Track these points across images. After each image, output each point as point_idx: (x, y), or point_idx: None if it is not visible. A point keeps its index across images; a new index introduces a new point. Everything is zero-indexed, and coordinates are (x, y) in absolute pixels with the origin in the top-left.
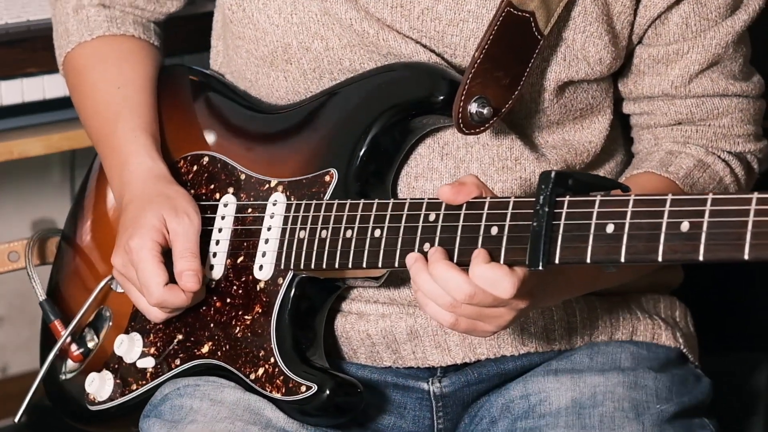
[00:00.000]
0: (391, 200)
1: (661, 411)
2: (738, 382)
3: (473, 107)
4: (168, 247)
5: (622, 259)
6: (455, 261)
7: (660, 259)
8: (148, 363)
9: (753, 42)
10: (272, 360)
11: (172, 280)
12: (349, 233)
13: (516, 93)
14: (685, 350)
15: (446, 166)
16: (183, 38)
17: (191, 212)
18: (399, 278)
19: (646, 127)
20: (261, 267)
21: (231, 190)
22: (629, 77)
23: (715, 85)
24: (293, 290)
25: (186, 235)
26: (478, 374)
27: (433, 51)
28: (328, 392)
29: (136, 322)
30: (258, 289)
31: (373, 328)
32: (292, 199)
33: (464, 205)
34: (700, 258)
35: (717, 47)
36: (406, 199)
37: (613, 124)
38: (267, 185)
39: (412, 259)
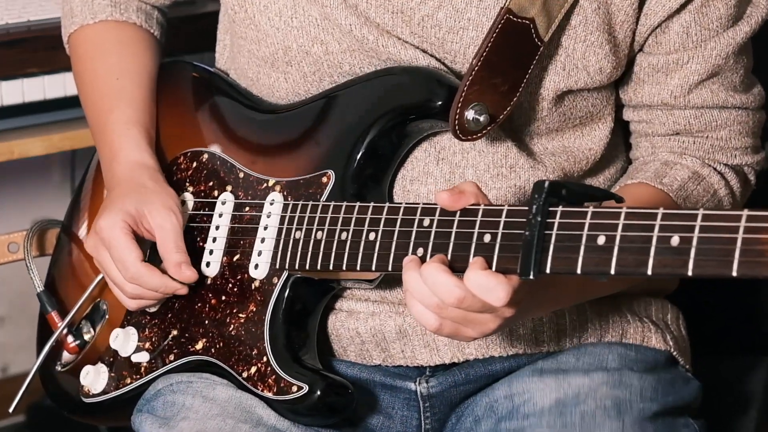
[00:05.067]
0: (387, 204)
1: (642, 409)
2: (731, 385)
3: (470, 114)
4: (139, 234)
5: (612, 271)
6: (448, 266)
7: (649, 272)
8: (143, 357)
9: (755, 52)
10: (265, 359)
11: None
12: (344, 235)
13: (514, 100)
14: (675, 353)
15: (441, 170)
16: (183, 39)
17: (176, 209)
18: (390, 277)
19: (644, 135)
20: (257, 266)
21: (229, 188)
22: (629, 85)
23: (715, 97)
24: (287, 290)
25: (175, 233)
26: (466, 375)
27: (433, 56)
28: (319, 393)
29: (132, 316)
30: (253, 287)
31: (362, 326)
32: (290, 199)
33: (458, 211)
34: (689, 273)
35: (717, 58)
36: (401, 204)
37: (615, 130)
38: (265, 184)
39: (408, 260)
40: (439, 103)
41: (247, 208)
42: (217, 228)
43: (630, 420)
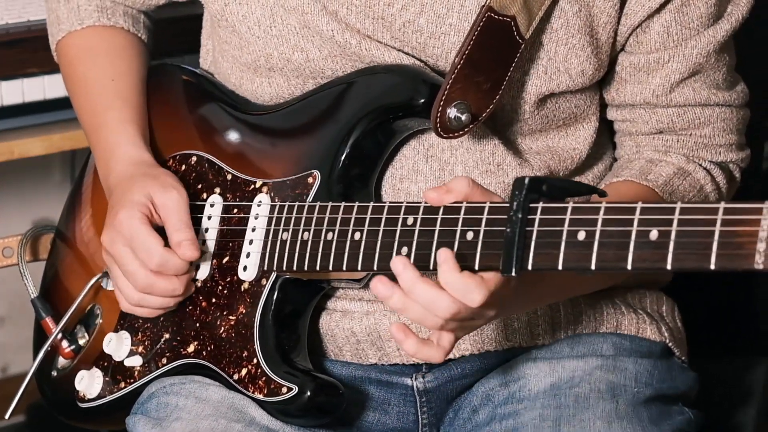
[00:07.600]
0: (371, 203)
1: (637, 393)
2: (730, 385)
3: (452, 112)
4: (155, 222)
5: (593, 267)
6: (431, 266)
7: (629, 267)
8: (136, 361)
9: (739, 50)
10: (255, 361)
11: None
12: (330, 235)
13: (496, 98)
14: (670, 344)
15: (431, 168)
16: (181, 39)
17: (178, 187)
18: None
19: (628, 134)
20: (245, 268)
21: (218, 190)
22: (612, 84)
23: (697, 95)
24: (276, 291)
25: (177, 208)
26: (462, 369)
27: (415, 58)
28: (309, 393)
29: (126, 320)
30: (242, 289)
31: (357, 325)
32: (276, 200)
33: (441, 209)
34: (668, 267)
35: (698, 56)
36: (385, 203)
37: (600, 129)
38: (252, 186)
39: (395, 264)
40: (422, 101)
41: (235, 210)
42: (207, 230)
43: (624, 403)
